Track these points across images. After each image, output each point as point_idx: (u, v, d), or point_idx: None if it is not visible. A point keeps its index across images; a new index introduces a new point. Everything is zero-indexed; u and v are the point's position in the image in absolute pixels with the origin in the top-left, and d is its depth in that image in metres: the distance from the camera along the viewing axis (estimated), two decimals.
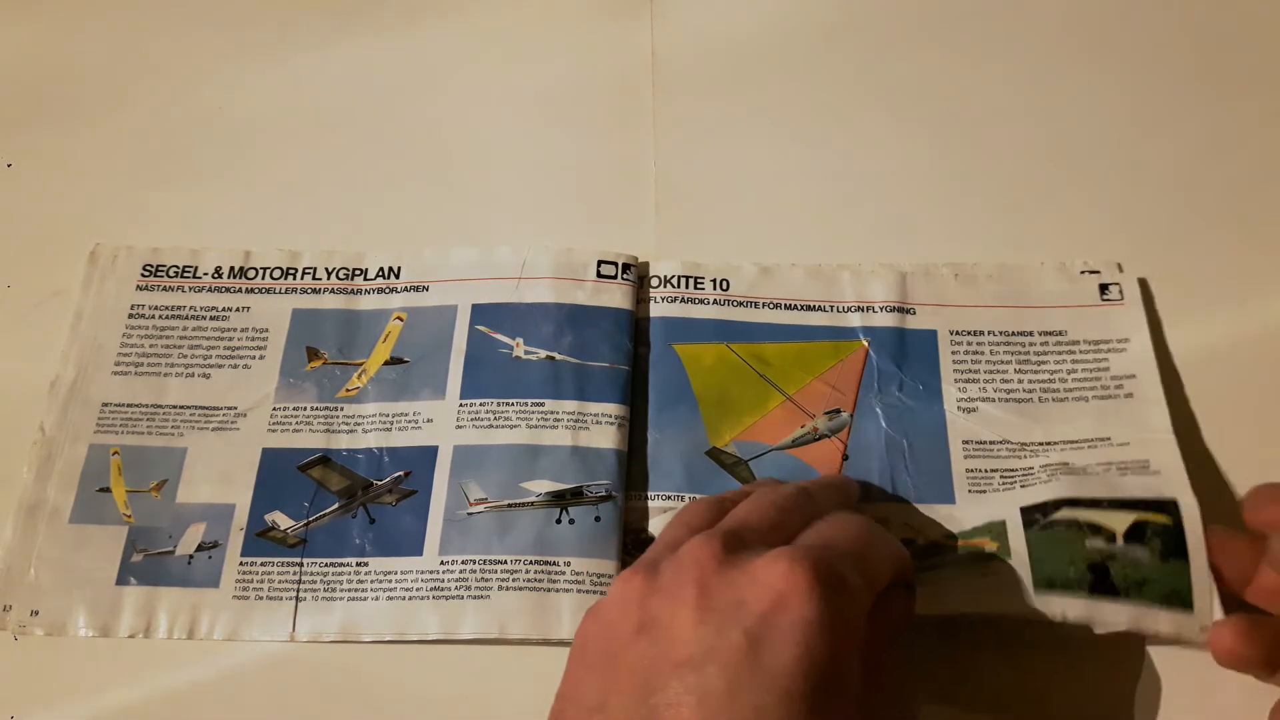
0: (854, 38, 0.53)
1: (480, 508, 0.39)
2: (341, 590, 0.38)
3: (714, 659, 0.26)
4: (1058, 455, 0.40)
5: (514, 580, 0.38)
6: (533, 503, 0.39)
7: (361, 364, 0.43)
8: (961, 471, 0.40)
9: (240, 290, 0.45)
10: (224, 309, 0.44)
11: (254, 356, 0.43)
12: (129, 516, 0.40)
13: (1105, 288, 0.44)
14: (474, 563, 0.38)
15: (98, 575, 0.39)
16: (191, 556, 0.39)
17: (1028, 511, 0.37)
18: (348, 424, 0.42)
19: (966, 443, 0.41)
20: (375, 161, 0.49)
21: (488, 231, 0.47)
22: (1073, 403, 0.41)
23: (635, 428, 0.41)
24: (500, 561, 0.38)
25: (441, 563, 0.38)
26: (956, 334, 0.43)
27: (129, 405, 0.42)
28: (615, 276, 0.44)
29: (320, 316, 0.44)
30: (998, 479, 0.39)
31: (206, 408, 0.42)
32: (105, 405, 0.42)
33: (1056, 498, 0.37)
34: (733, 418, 0.41)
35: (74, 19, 0.55)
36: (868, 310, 0.44)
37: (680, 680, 0.26)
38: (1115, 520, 0.35)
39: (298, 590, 0.38)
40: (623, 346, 0.43)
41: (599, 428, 0.41)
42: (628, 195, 0.48)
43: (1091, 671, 0.36)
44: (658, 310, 0.44)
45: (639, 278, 0.45)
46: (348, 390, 0.42)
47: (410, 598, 0.38)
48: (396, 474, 0.40)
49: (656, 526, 0.39)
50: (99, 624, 0.38)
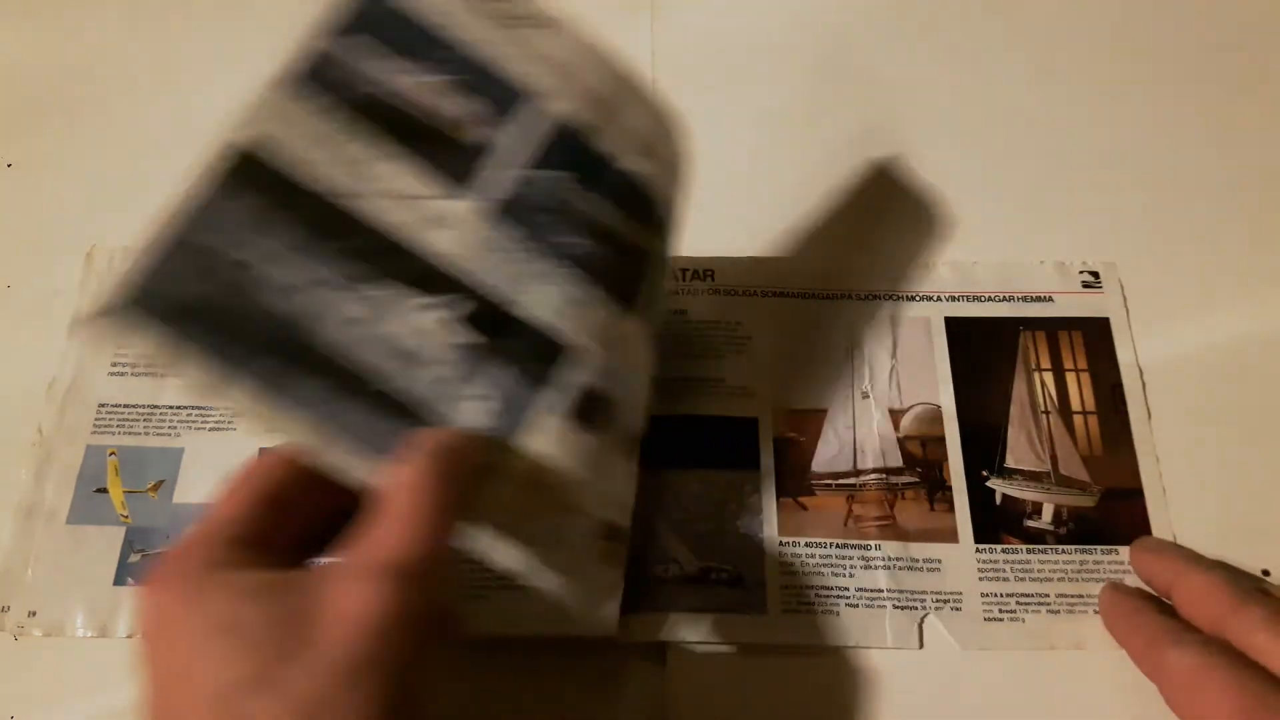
0: (853, 38, 0.53)
1: None
2: None
3: None
4: None
5: None
6: None
7: None
8: None
9: None
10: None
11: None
12: (126, 517, 0.40)
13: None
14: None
15: (96, 576, 0.39)
16: None
17: None
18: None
19: None
20: None
21: None
22: None
23: None
24: None
25: None
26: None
27: (126, 406, 0.43)
28: None
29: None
30: None
31: (203, 408, 0.42)
32: (102, 406, 0.42)
33: None
34: None
35: (74, 19, 0.55)
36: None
37: None
38: None
39: None
40: None
41: None
42: None
43: None
44: None
45: None
46: None
47: None
48: None
49: None
50: (97, 624, 0.38)
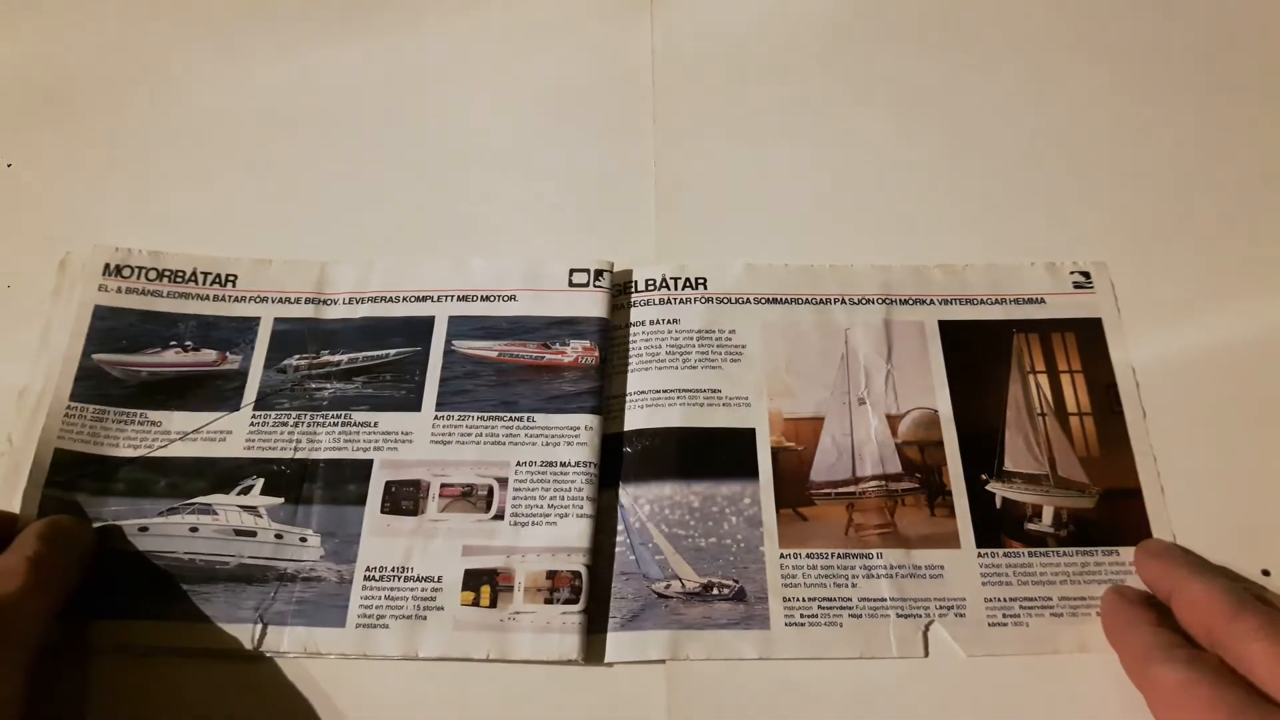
0: (853, 39, 0.53)
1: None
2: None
3: None
4: None
5: None
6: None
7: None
8: None
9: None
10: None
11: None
12: None
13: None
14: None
15: None
16: None
17: None
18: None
19: None
20: (369, 164, 0.49)
21: (486, 234, 0.46)
22: None
23: None
24: None
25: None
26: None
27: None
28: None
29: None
30: None
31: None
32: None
33: None
34: None
35: (74, 19, 0.54)
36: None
37: None
38: None
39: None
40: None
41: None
42: (627, 196, 0.48)
43: None
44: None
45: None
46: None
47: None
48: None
49: None
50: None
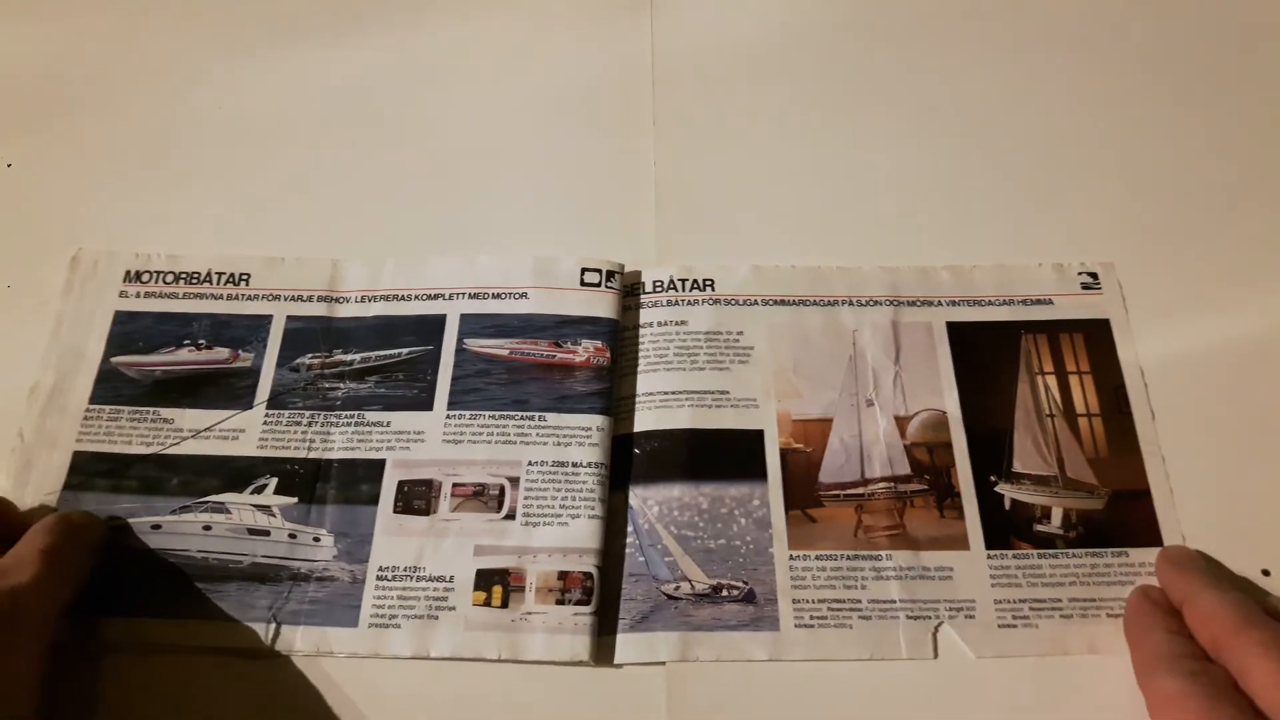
0: (854, 39, 0.53)
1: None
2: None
3: None
4: None
5: None
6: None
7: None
8: None
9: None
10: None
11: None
12: None
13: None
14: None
15: None
16: None
17: None
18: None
19: None
20: (373, 164, 0.49)
21: (487, 233, 0.46)
22: None
23: None
24: None
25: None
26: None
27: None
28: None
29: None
30: None
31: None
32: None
33: None
34: None
35: (74, 19, 0.54)
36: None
37: None
38: None
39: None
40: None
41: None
42: (627, 196, 0.48)
43: None
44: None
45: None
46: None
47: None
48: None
49: None
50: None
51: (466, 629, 0.37)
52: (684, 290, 0.44)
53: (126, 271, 0.44)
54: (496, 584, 0.38)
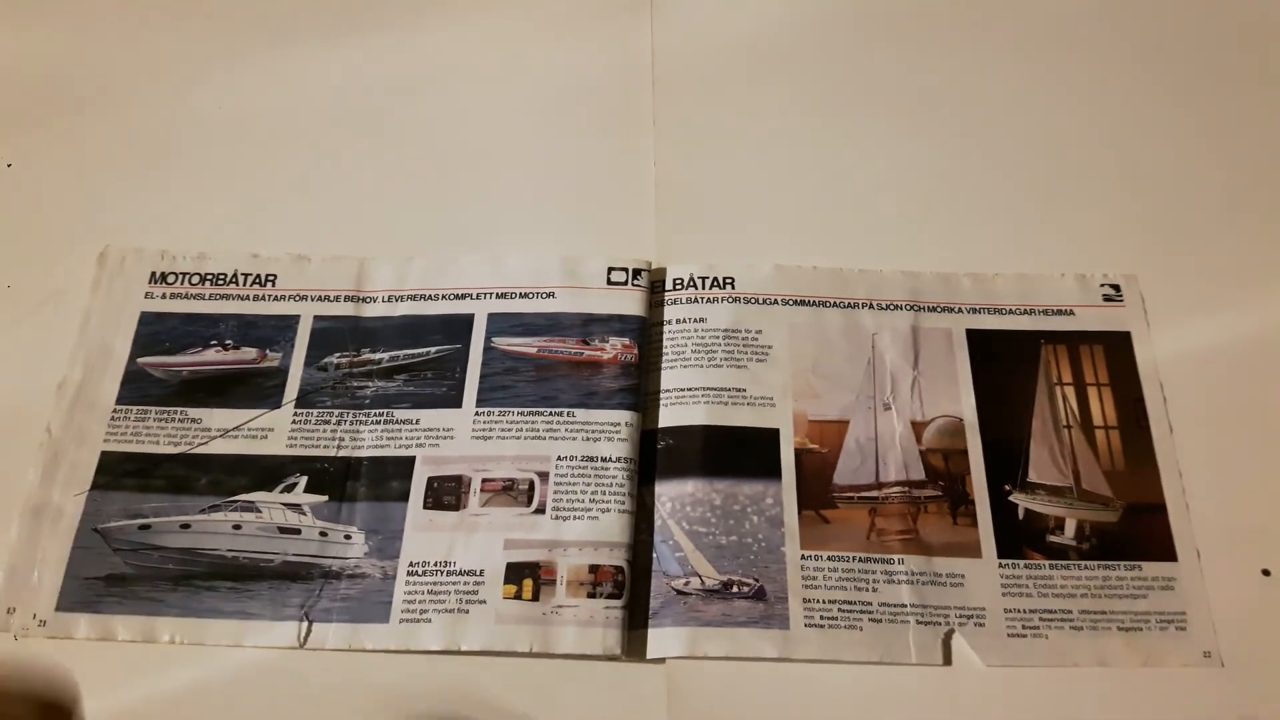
0: (855, 40, 0.53)
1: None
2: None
3: None
4: None
5: None
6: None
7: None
8: None
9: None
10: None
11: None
12: None
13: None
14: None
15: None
16: None
17: None
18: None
19: None
20: (375, 163, 0.49)
21: (487, 234, 0.46)
22: None
23: None
24: None
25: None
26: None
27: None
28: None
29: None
30: None
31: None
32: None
33: None
34: None
35: (74, 19, 0.54)
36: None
37: None
38: None
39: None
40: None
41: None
42: (628, 195, 0.48)
43: None
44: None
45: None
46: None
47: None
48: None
49: None
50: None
51: (498, 622, 0.37)
52: (704, 288, 0.44)
53: (152, 273, 0.45)
54: (527, 577, 0.38)
